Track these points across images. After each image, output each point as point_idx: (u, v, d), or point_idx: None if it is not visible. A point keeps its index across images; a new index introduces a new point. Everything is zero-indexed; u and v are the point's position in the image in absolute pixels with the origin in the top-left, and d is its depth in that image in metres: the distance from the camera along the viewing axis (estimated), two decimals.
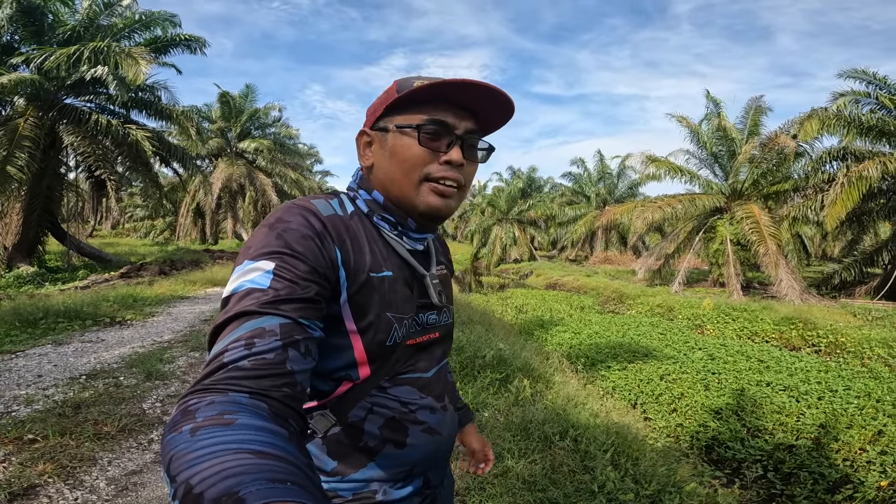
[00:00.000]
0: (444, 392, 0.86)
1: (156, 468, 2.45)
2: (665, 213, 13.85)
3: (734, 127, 14.18)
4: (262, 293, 0.60)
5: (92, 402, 3.26)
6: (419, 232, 0.83)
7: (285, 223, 0.68)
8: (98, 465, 2.40)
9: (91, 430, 2.77)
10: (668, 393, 4.91)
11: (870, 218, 13.17)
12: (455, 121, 0.78)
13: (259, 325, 0.58)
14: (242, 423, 0.46)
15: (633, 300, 11.38)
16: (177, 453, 0.42)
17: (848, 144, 11.88)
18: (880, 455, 3.36)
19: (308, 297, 0.63)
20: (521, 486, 2.13)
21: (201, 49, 12.91)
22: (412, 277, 0.82)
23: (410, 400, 0.79)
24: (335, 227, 0.73)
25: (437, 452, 0.83)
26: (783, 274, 11.91)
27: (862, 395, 4.57)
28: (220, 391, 0.51)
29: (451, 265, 1.01)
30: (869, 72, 11.72)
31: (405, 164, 0.77)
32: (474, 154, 0.81)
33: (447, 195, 0.78)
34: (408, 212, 0.80)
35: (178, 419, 0.47)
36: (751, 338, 8.19)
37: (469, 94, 0.76)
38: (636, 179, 23.15)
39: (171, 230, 27.65)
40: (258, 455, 0.42)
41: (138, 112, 13.02)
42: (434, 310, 0.85)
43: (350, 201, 0.82)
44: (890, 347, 6.35)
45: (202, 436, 0.43)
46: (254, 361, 0.55)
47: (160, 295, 8.39)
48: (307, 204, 0.73)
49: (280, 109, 24.79)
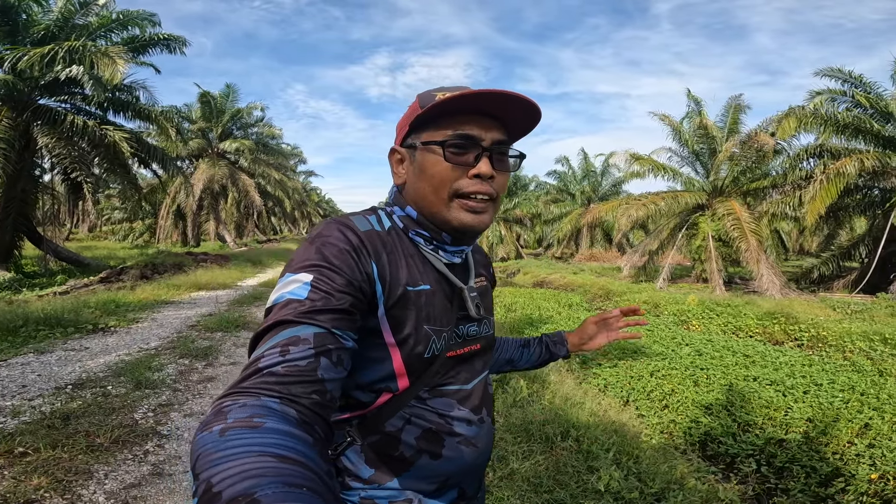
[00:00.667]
0: (482, 404, 0.86)
1: (155, 481, 2.40)
2: (649, 210, 14.06)
3: (715, 125, 14.44)
4: (299, 304, 0.64)
5: (81, 412, 3.17)
6: (455, 245, 0.83)
7: (324, 238, 0.72)
8: (94, 479, 2.34)
9: (83, 441, 2.69)
10: (658, 389, 4.97)
11: (846, 213, 13.55)
12: (481, 132, 0.77)
13: (294, 334, 0.61)
14: (270, 427, 0.48)
15: (619, 297, 11.50)
16: (203, 452, 0.44)
17: (824, 142, 12.19)
18: (868, 448, 3.42)
19: (343, 309, 0.65)
20: (528, 487, 2.13)
21: (181, 49, 12.68)
22: (451, 291, 0.83)
23: (448, 412, 0.80)
24: (371, 242, 0.75)
25: (472, 464, 0.83)
26: (764, 269, 12.18)
27: (846, 389, 4.66)
28: (254, 395, 0.54)
29: (491, 276, 1.01)
30: (845, 70, 12.04)
31: (434, 181, 0.77)
32: (504, 164, 0.81)
33: (479, 210, 0.78)
34: (441, 227, 0.80)
35: (210, 419, 0.49)
36: (735, 333, 8.33)
37: (493, 103, 0.75)
38: (620, 177, 23.44)
39: (151, 233, 27.08)
40: (280, 459, 0.43)
41: (116, 113, 12.73)
42: (473, 322, 0.85)
43: (387, 217, 0.83)
44: (870, 341, 6.51)
45: (230, 436, 0.45)
46: (287, 368, 0.57)
47: (143, 300, 8.21)
48: (345, 220, 0.76)
49: (262, 109, 24.53)
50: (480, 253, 1.00)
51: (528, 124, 0.81)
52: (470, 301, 0.82)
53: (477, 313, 0.83)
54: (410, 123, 0.80)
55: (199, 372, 4.45)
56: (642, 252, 15.31)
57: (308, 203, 50.58)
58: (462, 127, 0.76)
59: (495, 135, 0.78)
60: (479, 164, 0.77)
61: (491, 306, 0.95)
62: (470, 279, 0.87)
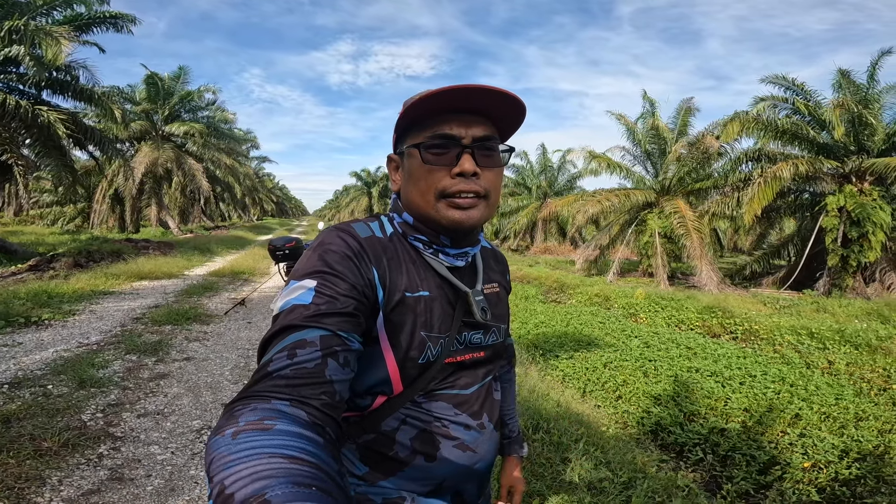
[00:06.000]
0: (483, 410, 0.85)
1: (116, 486, 2.28)
2: (602, 206, 14.54)
3: (666, 126, 15.07)
4: (304, 308, 0.65)
5: (22, 415, 2.96)
6: (455, 247, 0.83)
7: (326, 245, 0.74)
8: (48, 485, 2.19)
9: (29, 446, 2.52)
10: (612, 380, 5.19)
11: (778, 214, 14.55)
12: (461, 130, 0.76)
13: (301, 338, 0.62)
14: (280, 429, 0.48)
15: (573, 290, 11.85)
16: (217, 455, 0.45)
17: (763, 146, 12.99)
18: (800, 438, 3.70)
19: (347, 312, 0.67)
20: None
21: (128, 27, 11.87)
22: (454, 295, 0.82)
23: (444, 415, 0.80)
24: (372, 248, 0.76)
25: (470, 469, 0.83)
26: (704, 266, 12.91)
27: (777, 380, 4.99)
28: (264, 398, 0.54)
29: (508, 283, 0.99)
30: (788, 78, 12.79)
31: (420, 184, 0.78)
32: (491, 160, 0.79)
33: (465, 206, 0.77)
34: (434, 229, 0.81)
35: (222, 423, 0.50)
36: (678, 325, 8.74)
37: (472, 99, 0.74)
38: (576, 173, 24.07)
39: (84, 217, 25.28)
40: (290, 460, 0.44)
41: (54, 93, 11.79)
42: (479, 329, 0.84)
43: (389, 223, 0.85)
44: (798, 335, 7.03)
45: (242, 439, 0.46)
46: (295, 370, 0.58)
47: (79, 291, 7.66)
48: (346, 227, 0.78)
49: (215, 92, 23.33)
50: (497, 259, 0.99)
51: (515, 116, 0.79)
52: (475, 305, 0.81)
53: (483, 318, 0.81)
54: (396, 129, 0.82)
55: (150, 369, 4.24)
56: (595, 246, 15.84)
57: (260, 189, 48.82)
58: (441, 127, 0.76)
59: (477, 131, 0.77)
60: (460, 161, 0.76)
61: (505, 314, 0.93)
62: (477, 283, 0.86)
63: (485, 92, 0.73)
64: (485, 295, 0.85)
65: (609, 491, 2.11)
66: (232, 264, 12.38)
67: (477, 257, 0.90)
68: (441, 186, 0.76)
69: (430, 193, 0.77)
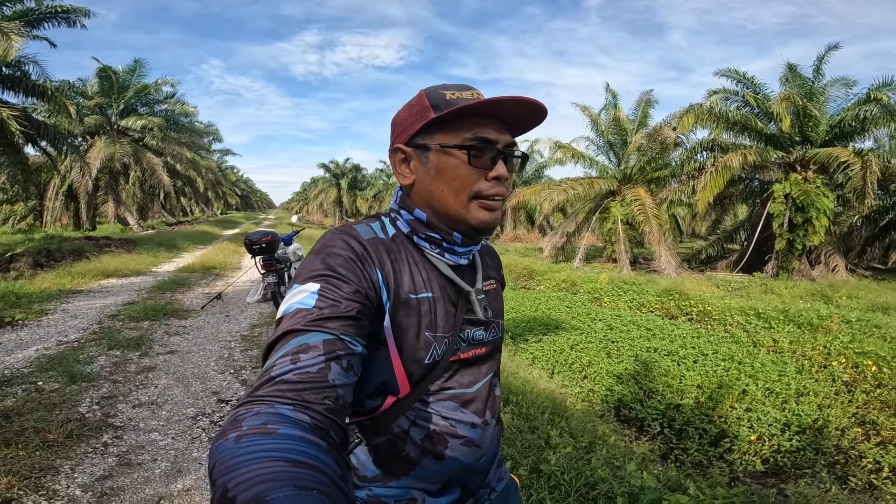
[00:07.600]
0: (486, 407, 0.87)
1: (126, 471, 2.45)
2: (568, 195, 15.02)
3: (627, 118, 15.65)
4: (307, 312, 0.65)
5: (20, 410, 3.06)
6: (464, 245, 0.84)
7: (328, 248, 0.74)
8: (62, 474, 2.34)
9: (35, 438, 2.64)
10: (578, 361, 5.52)
11: (731, 201, 15.39)
12: (497, 135, 0.78)
13: (304, 342, 0.62)
14: (283, 433, 0.49)
15: (541, 276, 12.16)
16: (220, 458, 0.45)
17: (716, 137, 13.69)
18: (746, 412, 3.98)
19: (350, 315, 0.67)
20: None
21: (81, 21, 11.45)
22: (456, 294, 0.83)
23: (451, 415, 0.82)
24: (375, 250, 0.77)
25: (475, 464, 0.86)
26: (663, 251, 13.56)
27: (727, 359, 5.28)
28: (267, 403, 0.54)
29: (502, 278, 1.03)
30: (740, 71, 13.47)
31: (454, 184, 0.78)
32: (513, 164, 0.83)
33: (495, 209, 0.80)
34: (456, 227, 0.81)
35: (226, 428, 0.50)
36: (639, 308, 9.09)
37: (510, 107, 0.77)
38: (543, 162, 24.50)
39: (36, 215, 24.15)
40: (292, 463, 0.44)
41: (4, 89, 11.30)
42: (481, 325, 0.87)
43: (391, 224, 0.84)
44: (746, 315, 7.41)
45: (245, 443, 0.46)
46: (298, 375, 0.58)
47: (46, 290, 7.54)
48: (349, 229, 0.78)
49: (173, 85, 22.54)
50: (491, 255, 1.01)
51: (529, 124, 0.82)
52: (478, 304, 0.83)
53: (485, 316, 0.84)
54: (409, 122, 0.80)
55: (136, 362, 4.34)
56: (561, 234, 16.35)
57: (224, 183, 47.51)
58: (480, 130, 0.77)
59: (507, 137, 0.80)
60: (496, 166, 0.78)
61: (501, 309, 0.96)
62: (477, 281, 0.88)
63: (528, 104, 0.76)
64: (485, 292, 0.88)
65: (572, 455, 2.41)
66: (202, 259, 12.24)
67: (476, 255, 0.92)
68: (477, 188, 0.78)
69: (464, 193, 0.78)
